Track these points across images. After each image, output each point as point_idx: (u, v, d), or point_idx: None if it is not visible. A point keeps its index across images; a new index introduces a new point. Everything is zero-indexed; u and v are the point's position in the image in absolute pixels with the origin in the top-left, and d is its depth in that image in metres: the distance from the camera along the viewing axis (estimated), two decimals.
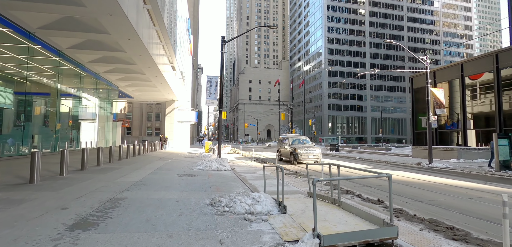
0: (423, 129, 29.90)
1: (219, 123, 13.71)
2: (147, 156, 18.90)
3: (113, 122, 28.78)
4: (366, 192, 8.32)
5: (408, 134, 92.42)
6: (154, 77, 23.78)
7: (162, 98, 36.82)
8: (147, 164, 13.26)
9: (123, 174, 9.54)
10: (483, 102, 27.70)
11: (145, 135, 57.29)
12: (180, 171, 10.99)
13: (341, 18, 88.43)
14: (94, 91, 24.14)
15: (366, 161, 20.25)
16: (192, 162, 14.87)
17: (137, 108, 57.23)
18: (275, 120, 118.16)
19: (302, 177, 11.08)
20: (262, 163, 17.02)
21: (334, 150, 29.09)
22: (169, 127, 37.13)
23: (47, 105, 18.42)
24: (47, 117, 17.97)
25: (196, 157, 19.62)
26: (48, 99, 18.55)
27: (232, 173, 11.16)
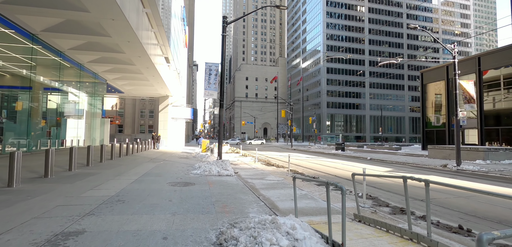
0: (434, 127, 28.24)
1: (220, 118, 11.61)
2: (137, 156, 16.69)
3: (102, 119, 26.39)
4: (420, 208, 6.31)
5: (406, 133, 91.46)
6: (145, 69, 21.50)
7: (155, 94, 34.48)
8: (133, 167, 11.09)
9: (98, 182, 7.38)
10: (486, 101, 26.10)
11: (138, 132, 54.77)
12: (173, 177, 8.87)
13: (340, 14, 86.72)
14: (77, 84, 21.75)
15: (380, 161, 18.36)
16: (188, 164, 12.74)
17: (129, 105, 54.64)
18: (271, 118, 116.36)
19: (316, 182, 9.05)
20: (267, 165, 14.96)
21: (339, 149, 27.20)
22: (163, 124, 34.82)
23: (18, 100, 16.04)
24: (17, 113, 15.60)
25: (192, 157, 17.47)
26: (19, 93, 16.17)
27: (237, 179, 9.08)
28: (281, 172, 11.54)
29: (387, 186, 8.90)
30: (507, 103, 23.21)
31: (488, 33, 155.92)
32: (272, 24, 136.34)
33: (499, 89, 23.86)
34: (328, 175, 11.26)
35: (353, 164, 16.44)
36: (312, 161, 18.46)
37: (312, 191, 7.54)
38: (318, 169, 13.29)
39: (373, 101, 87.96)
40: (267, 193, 7.16)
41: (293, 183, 4.76)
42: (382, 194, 7.80)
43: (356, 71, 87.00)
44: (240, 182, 8.42)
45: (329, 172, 12.06)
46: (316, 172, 12.28)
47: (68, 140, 23.00)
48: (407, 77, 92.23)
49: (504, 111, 23.57)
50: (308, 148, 37.67)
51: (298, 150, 33.32)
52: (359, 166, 15.17)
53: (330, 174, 11.57)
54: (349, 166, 15.16)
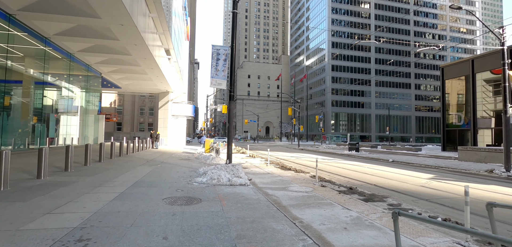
0: (456, 126, 26.05)
1: (230, 113, 9.51)
2: (132, 157, 14.62)
3: (96, 115, 24.33)
4: None
5: (413, 132, 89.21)
6: (142, 60, 19.42)
7: (155, 89, 32.43)
8: (123, 172, 9.01)
9: (65, 199, 5.29)
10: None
11: (137, 131, 52.77)
12: (172, 187, 6.78)
13: (346, 10, 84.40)
14: (67, 77, 19.68)
15: (406, 164, 16.21)
16: (190, 168, 10.65)
17: (128, 102, 52.61)
18: (274, 117, 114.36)
19: (359, 196, 6.92)
20: (282, 168, 12.86)
21: (353, 150, 25.07)
22: (163, 121, 32.78)
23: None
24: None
25: (194, 158, 15.38)
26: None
27: (255, 190, 6.99)
28: (303, 179, 9.43)
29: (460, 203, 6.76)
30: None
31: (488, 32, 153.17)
32: (275, 21, 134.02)
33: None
34: (364, 183, 9.15)
35: (380, 167, 14.32)
36: (330, 163, 16.34)
37: (364, 212, 5.42)
38: (346, 175, 11.18)
39: (379, 100, 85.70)
40: (304, 216, 5.05)
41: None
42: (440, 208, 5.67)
43: (361, 69, 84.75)
44: (261, 196, 6.32)
45: (363, 179, 9.95)
46: (347, 179, 10.16)
47: (59, 138, 20.98)
48: (413, 76, 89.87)
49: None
50: (316, 148, 35.55)
51: (307, 150, 31.21)
52: (387, 169, 13.06)
53: (365, 182, 9.45)
54: (377, 170, 13.05)
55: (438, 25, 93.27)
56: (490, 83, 24.84)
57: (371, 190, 7.77)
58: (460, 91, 25.71)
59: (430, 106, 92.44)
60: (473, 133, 23.38)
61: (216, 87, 9.47)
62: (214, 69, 9.38)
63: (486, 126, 24.38)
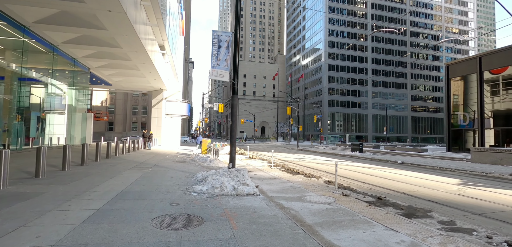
0: (457, 126, 25.16)
1: (233, 109, 8.19)
2: (121, 159, 13.16)
3: (83, 114, 22.69)
4: None
5: (409, 132, 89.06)
6: (134, 53, 17.93)
7: (148, 87, 30.85)
8: (107, 178, 7.60)
9: (18, 221, 3.91)
10: (506, 99, 23.19)
11: (130, 130, 50.94)
12: (165, 201, 5.42)
13: (343, 9, 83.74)
14: (52, 72, 18.07)
15: (417, 166, 15.12)
16: (187, 173, 9.29)
17: (121, 101, 50.75)
18: (269, 117, 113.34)
19: (395, 209, 5.67)
20: (289, 172, 11.59)
21: (357, 151, 23.95)
22: (156, 121, 31.23)
23: None
24: None
25: (190, 160, 13.99)
26: None
27: (267, 202, 5.69)
28: (318, 185, 8.17)
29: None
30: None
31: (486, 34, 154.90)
32: (271, 20, 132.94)
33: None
34: (391, 191, 7.92)
35: (394, 171, 13.18)
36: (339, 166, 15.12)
37: (417, 235, 4.16)
38: (363, 180, 9.97)
39: (375, 100, 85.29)
40: (342, 242, 3.76)
41: None
42: None
43: (358, 69, 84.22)
44: (277, 211, 5.02)
45: (386, 186, 8.73)
46: (369, 185, 8.93)
47: (45, 138, 19.34)
48: (410, 76, 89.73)
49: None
50: (316, 148, 34.43)
51: (306, 151, 30.03)
52: (405, 173, 11.91)
53: (390, 189, 8.23)
54: (394, 173, 11.88)
55: (433, 25, 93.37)
56: (488, 84, 24.14)
57: (404, 200, 6.54)
58: (465, 90, 24.85)
59: (425, 107, 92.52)
60: (480, 133, 22.49)
61: (217, 78, 8.15)
62: (215, 59, 8.04)
63: (486, 127, 23.71)
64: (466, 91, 25.16)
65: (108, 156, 13.07)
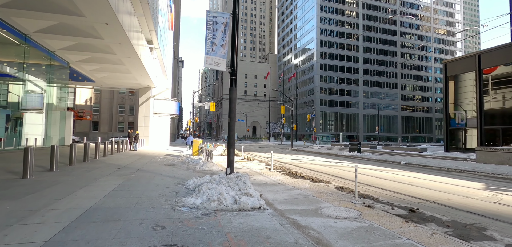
0: (460, 125, 24.71)
1: (231, 104, 6.92)
2: (101, 162, 11.63)
3: (62, 112, 20.83)
4: None
5: (399, 132, 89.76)
6: (117, 46, 16.34)
7: (135, 84, 29.09)
8: (76, 189, 6.18)
9: None
10: (495, 98, 22.95)
11: (116, 130, 48.69)
12: (146, 222, 4.09)
13: (334, 9, 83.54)
14: (26, 66, 16.24)
15: (422, 167, 14.24)
16: (176, 179, 7.94)
17: (106, 99, 48.42)
18: (261, 117, 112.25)
19: (442, 228, 4.55)
20: (290, 175, 10.39)
21: (354, 151, 23.06)
22: (144, 120, 29.50)
23: None
24: None
25: (180, 163, 12.58)
26: None
27: (278, 219, 4.47)
28: (330, 193, 6.99)
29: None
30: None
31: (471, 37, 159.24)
32: (262, 19, 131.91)
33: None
34: (420, 200, 6.83)
35: (405, 173, 12.22)
36: (340, 167, 14.06)
37: None
38: (377, 185, 8.88)
39: (367, 99, 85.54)
40: None
41: None
42: None
43: (350, 68, 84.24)
44: (297, 234, 3.78)
45: (409, 192, 7.65)
46: (390, 193, 7.83)
47: (21, 138, 17.46)
48: (400, 76, 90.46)
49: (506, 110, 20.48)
50: (310, 148, 33.48)
51: (301, 151, 28.99)
52: (418, 176, 10.93)
53: (416, 197, 7.14)
54: (407, 176, 10.89)
55: (421, 26, 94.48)
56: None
57: (442, 213, 5.43)
58: (462, 88, 24.39)
59: (415, 107, 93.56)
60: (480, 132, 21.99)
61: (213, 67, 6.85)
62: (210, 44, 6.74)
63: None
64: (462, 90, 24.77)
65: (86, 158, 11.51)
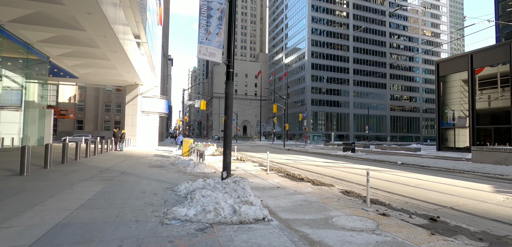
0: (452, 125, 24.79)
1: (227, 99, 6.17)
2: (81, 164, 10.62)
3: (41, 110, 19.44)
4: None
5: (388, 132, 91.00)
6: (102, 39, 15.24)
7: (121, 81, 27.78)
8: (45, 198, 5.28)
9: None
10: (481, 99, 23.23)
11: (102, 129, 46.84)
12: (126, 244, 3.29)
13: (325, 8, 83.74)
14: None
15: (425, 168, 13.91)
16: (165, 183, 7.12)
17: (91, 97, 46.50)
18: (251, 116, 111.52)
19: (474, 242, 3.99)
20: (289, 177, 9.72)
21: (349, 150, 22.69)
22: (131, 119, 28.25)
23: None
24: None
25: (169, 165, 11.71)
26: None
27: (285, 233, 3.78)
28: (337, 198, 6.36)
29: None
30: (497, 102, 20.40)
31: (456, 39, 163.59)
32: (253, 18, 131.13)
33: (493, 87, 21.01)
34: (437, 206, 6.28)
35: (407, 174, 11.79)
36: (337, 168, 13.52)
37: None
38: (382, 187, 8.33)
39: (357, 99, 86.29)
40: None
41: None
42: None
43: (340, 68, 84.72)
44: None
45: (421, 197, 7.11)
46: (400, 198, 7.27)
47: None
48: (389, 76, 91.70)
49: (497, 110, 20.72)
50: (302, 148, 33.03)
51: (294, 151, 28.47)
52: (423, 177, 10.50)
53: (431, 202, 6.60)
54: (411, 178, 10.43)
55: (409, 27, 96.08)
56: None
57: (466, 221, 4.88)
58: (454, 88, 24.47)
59: (402, 107, 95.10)
60: (472, 132, 22.05)
61: (207, 58, 6.09)
62: (204, 32, 5.97)
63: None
64: (451, 90, 24.86)
65: (65, 160, 10.47)
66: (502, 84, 21.10)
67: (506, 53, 20.24)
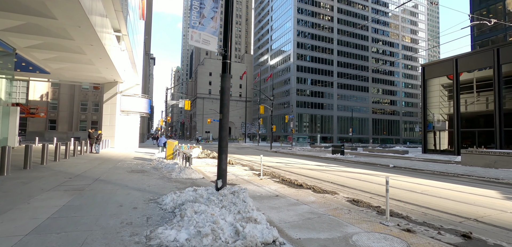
0: (438, 128, 25.12)
1: (223, 94, 5.25)
2: (48, 170, 9.24)
3: (5, 107, 17.43)
4: None
5: (369, 134, 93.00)
6: (75, 30, 13.76)
7: (99, 78, 25.92)
8: None
9: None
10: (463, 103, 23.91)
11: (78, 130, 44.00)
12: None
13: (311, 12, 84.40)
14: None
15: (417, 171, 13.63)
16: (147, 193, 6.05)
17: (66, 95, 43.58)
18: (235, 117, 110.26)
19: None
20: (285, 183, 8.91)
21: (337, 153, 22.32)
22: (109, 118, 26.45)
23: None
24: None
25: (151, 169, 10.54)
26: None
27: None
28: (348, 209, 5.61)
29: None
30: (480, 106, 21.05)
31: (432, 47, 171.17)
32: (238, 18, 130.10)
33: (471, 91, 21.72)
34: (443, 213, 5.67)
35: (409, 179, 11.34)
36: (336, 173, 12.90)
37: None
38: (391, 195, 7.70)
39: (340, 102, 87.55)
40: None
41: None
42: None
43: (325, 71, 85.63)
44: None
45: (427, 204, 6.52)
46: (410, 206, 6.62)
47: None
48: (371, 80, 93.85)
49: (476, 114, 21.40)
50: (289, 150, 32.47)
51: (282, 153, 27.80)
52: (424, 182, 10.05)
53: (438, 210, 6.01)
54: (410, 183, 9.95)
55: (390, 33, 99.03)
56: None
57: (503, 238, 4.25)
58: (432, 93, 24.83)
59: (383, 110, 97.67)
60: (457, 135, 22.37)
61: (200, 45, 5.15)
62: (197, 15, 5.04)
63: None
64: (432, 93, 25.27)
65: (28, 164, 9.06)
66: (481, 88, 21.59)
67: (490, 58, 20.68)
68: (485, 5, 50.02)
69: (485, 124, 21.30)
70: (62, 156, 12.62)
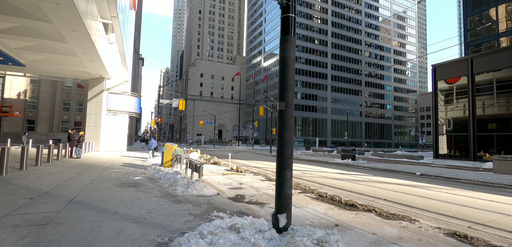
0: (452, 132, 23.74)
1: (286, 67, 3.16)
2: (9, 182, 6.81)
3: None
4: None
5: (363, 137, 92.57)
6: (53, 7, 11.30)
7: (83, 73, 23.17)
8: None
9: None
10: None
11: (59, 131, 40.52)
12: None
13: (305, 14, 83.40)
14: None
15: (449, 180, 11.88)
16: (148, 227, 3.83)
17: (47, 93, 40.09)
18: (227, 120, 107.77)
19: None
20: (333, 204, 6.84)
21: (348, 158, 20.50)
22: (94, 119, 23.71)
23: None
24: None
25: (147, 181, 8.23)
26: None
27: None
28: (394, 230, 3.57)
29: None
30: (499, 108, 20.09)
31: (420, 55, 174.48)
32: (231, 19, 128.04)
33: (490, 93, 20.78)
34: None
35: (465, 193, 9.52)
36: (366, 183, 10.93)
37: None
38: (458, 214, 5.76)
39: (334, 105, 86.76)
40: None
41: None
42: None
43: (319, 74, 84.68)
44: None
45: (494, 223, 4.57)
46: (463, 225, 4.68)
47: None
48: (364, 84, 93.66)
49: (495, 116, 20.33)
50: None
51: None
52: (467, 194, 8.22)
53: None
54: (452, 194, 8.11)
55: (380, 37, 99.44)
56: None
57: None
58: (457, 92, 23.49)
59: (376, 114, 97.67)
60: (473, 139, 21.02)
61: None
62: None
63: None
64: (457, 94, 24.03)
65: None
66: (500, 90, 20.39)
67: (509, 58, 19.45)
68: (478, 11, 50.06)
69: (505, 128, 20.04)
70: (32, 162, 10.11)
